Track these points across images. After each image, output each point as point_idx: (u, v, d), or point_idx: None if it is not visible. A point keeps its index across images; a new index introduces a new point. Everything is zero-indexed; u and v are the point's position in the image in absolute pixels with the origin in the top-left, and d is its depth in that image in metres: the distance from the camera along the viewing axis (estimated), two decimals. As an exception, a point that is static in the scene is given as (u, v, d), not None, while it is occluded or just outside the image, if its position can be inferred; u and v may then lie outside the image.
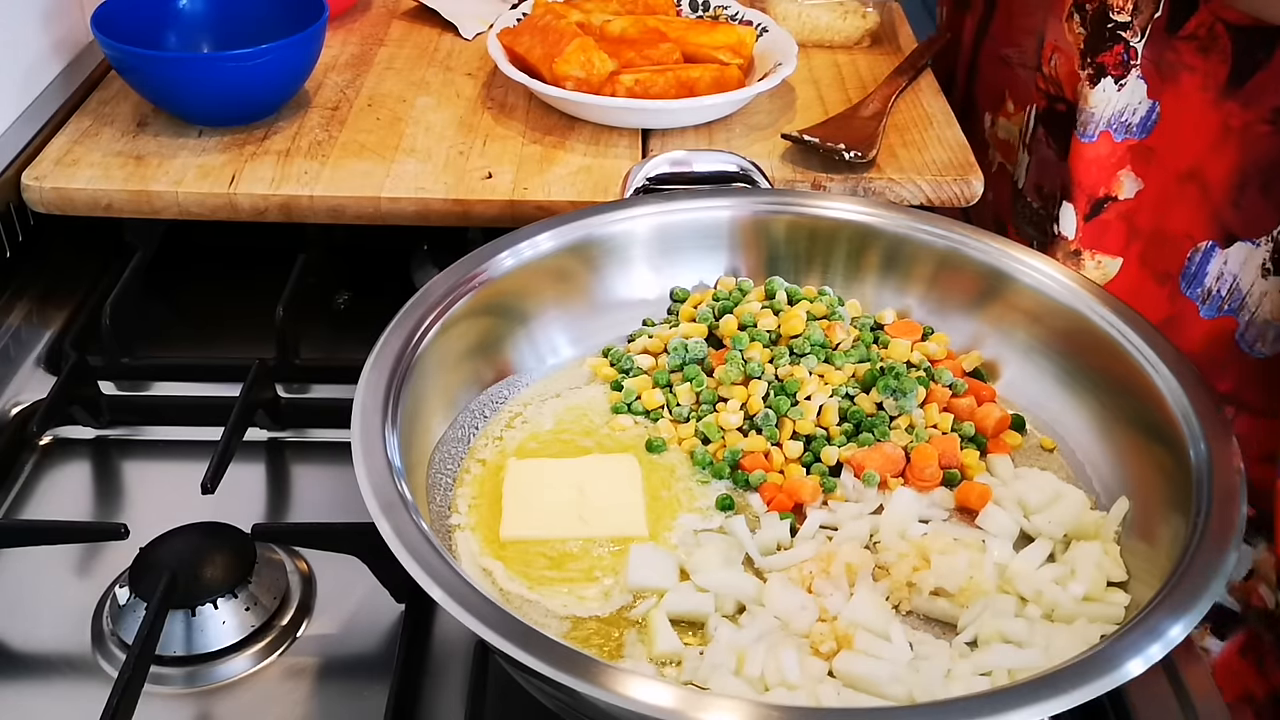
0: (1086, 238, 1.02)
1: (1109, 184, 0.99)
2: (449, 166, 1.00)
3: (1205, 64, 0.91)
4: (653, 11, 1.18)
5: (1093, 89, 0.95)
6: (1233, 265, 0.96)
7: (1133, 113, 0.96)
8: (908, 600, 0.67)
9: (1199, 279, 0.98)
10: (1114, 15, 0.92)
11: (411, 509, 0.60)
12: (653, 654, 0.63)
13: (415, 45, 1.22)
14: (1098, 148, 0.98)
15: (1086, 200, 1.00)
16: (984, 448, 0.77)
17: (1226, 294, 0.97)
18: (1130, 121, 0.96)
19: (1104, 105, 0.96)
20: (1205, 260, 0.97)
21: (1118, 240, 1.02)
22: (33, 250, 0.99)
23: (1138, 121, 0.96)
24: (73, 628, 0.71)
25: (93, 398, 0.86)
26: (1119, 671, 0.54)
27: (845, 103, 1.11)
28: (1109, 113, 0.96)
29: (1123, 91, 0.95)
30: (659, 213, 0.85)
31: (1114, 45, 0.93)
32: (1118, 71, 0.94)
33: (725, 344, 0.82)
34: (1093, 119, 0.97)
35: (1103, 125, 0.97)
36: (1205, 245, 0.97)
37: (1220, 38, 0.90)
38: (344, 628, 0.73)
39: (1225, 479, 0.65)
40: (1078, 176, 1.00)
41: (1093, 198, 1.00)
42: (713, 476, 0.75)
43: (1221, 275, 0.97)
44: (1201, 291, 0.98)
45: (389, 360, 0.70)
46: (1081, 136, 0.98)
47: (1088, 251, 1.02)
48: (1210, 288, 0.98)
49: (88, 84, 1.10)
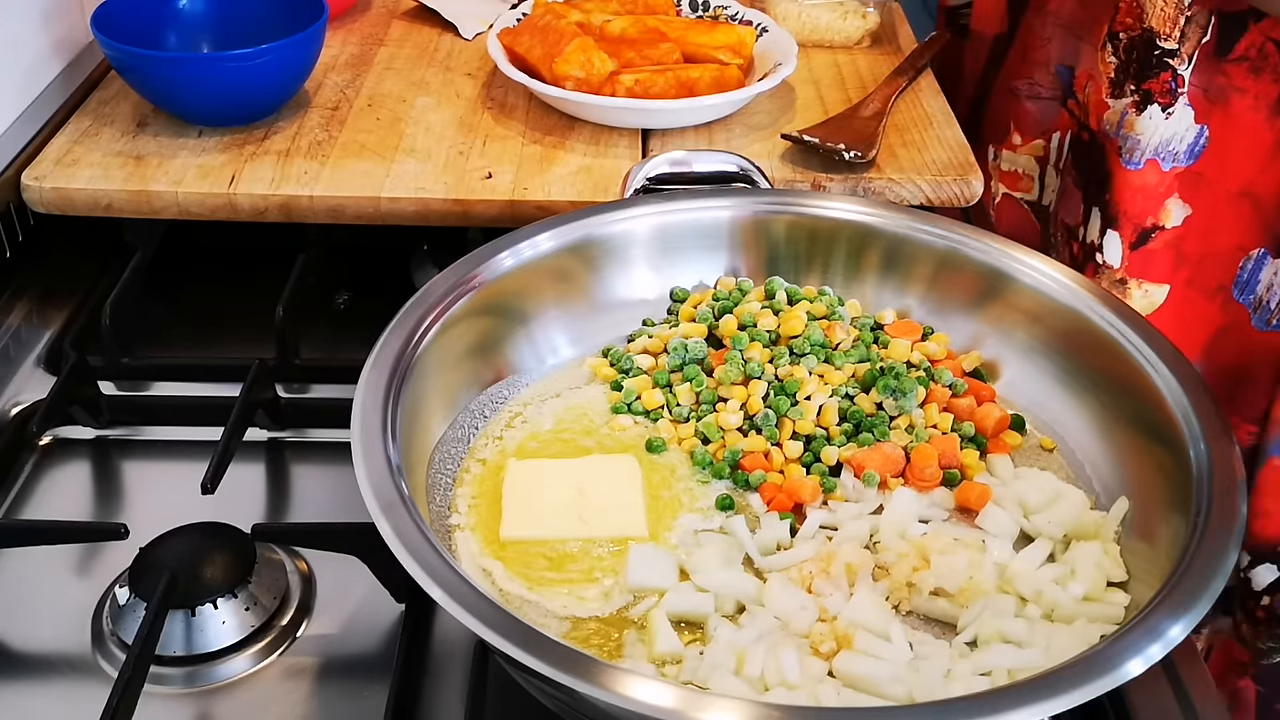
0: (1133, 266, 1.00)
1: (1156, 213, 0.98)
2: (449, 166, 1.00)
3: (1256, 84, 0.90)
4: (653, 11, 1.18)
5: (1139, 116, 0.94)
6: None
7: (1180, 140, 0.94)
8: (908, 600, 0.67)
9: (1251, 286, 0.97)
10: (1161, 42, 0.91)
11: (411, 509, 0.60)
12: (653, 654, 0.63)
13: (415, 45, 1.22)
14: (1144, 175, 0.96)
15: (1133, 229, 0.98)
16: (984, 448, 0.77)
17: (1276, 306, 0.96)
18: (1177, 150, 0.94)
19: (1150, 133, 0.94)
20: (1257, 269, 0.96)
21: (1164, 268, 1.00)
22: (33, 250, 0.99)
23: (1184, 149, 0.94)
24: (73, 628, 0.71)
25: (93, 398, 0.86)
26: (1119, 671, 0.54)
27: (845, 103, 1.11)
28: (1155, 141, 0.94)
29: (1170, 120, 0.93)
30: (659, 213, 0.85)
31: (1161, 73, 0.92)
32: (1165, 100, 0.92)
33: (725, 344, 0.82)
34: (1139, 146, 0.95)
35: (1149, 153, 0.95)
36: (1257, 253, 0.96)
37: (1271, 56, 0.89)
38: (344, 628, 0.73)
39: (1225, 479, 0.65)
40: (1124, 205, 0.98)
41: (1139, 227, 0.98)
42: (713, 476, 0.75)
43: (1273, 286, 0.95)
44: (1254, 299, 0.97)
45: (389, 360, 0.70)
46: (1127, 164, 0.96)
47: (1134, 280, 1.00)
48: (1262, 297, 0.96)
49: (88, 84, 1.10)
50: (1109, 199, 0.99)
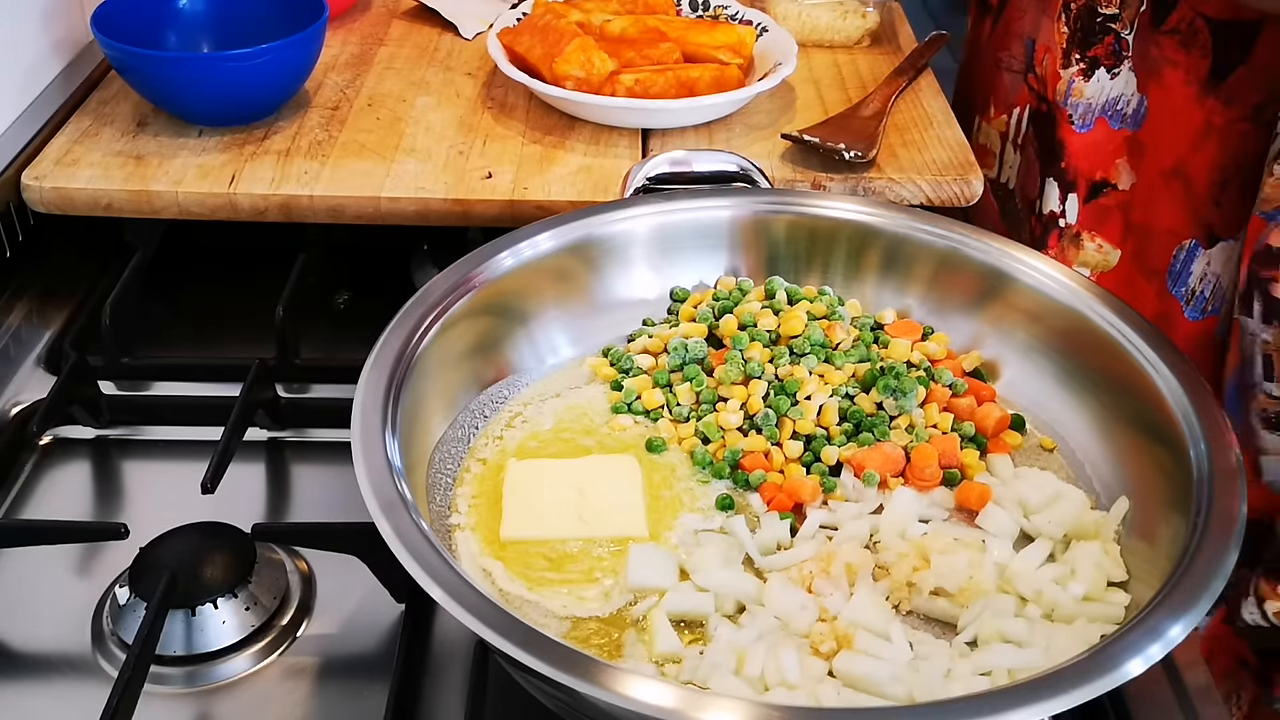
0: (1085, 219, 1.03)
1: (1107, 169, 1.00)
2: (449, 166, 1.00)
3: (1187, 59, 0.92)
4: (653, 11, 1.18)
5: (1086, 81, 0.97)
6: (1215, 265, 0.96)
7: (1126, 103, 0.97)
8: (908, 600, 0.67)
9: (1183, 278, 0.99)
10: (1101, 9, 0.94)
11: (411, 509, 0.60)
12: (653, 654, 0.63)
13: (415, 45, 1.22)
14: (1094, 134, 0.99)
15: (1086, 184, 1.01)
16: (984, 448, 0.77)
17: (1210, 295, 0.98)
18: (1125, 111, 0.97)
19: (1098, 94, 0.97)
20: (1189, 259, 0.98)
21: (1115, 231, 1.02)
22: (33, 250, 0.99)
23: (1130, 113, 0.97)
24: (73, 628, 0.71)
25: (93, 398, 0.86)
26: (1119, 671, 0.54)
27: (845, 103, 1.11)
28: (1103, 100, 0.97)
29: (1116, 80, 0.96)
30: (659, 213, 0.85)
31: (1104, 37, 0.95)
32: (1110, 61, 0.96)
33: (725, 344, 0.82)
34: (1089, 109, 0.98)
35: (1097, 113, 0.98)
36: (1189, 244, 0.98)
37: (1200, 32, 0.91)
38: (344, 628, 0.73)
39: (1225, 479, 0.64)
40: (1077, 164, 1.01)
41: (1090, 180, 1.01)
42: (713, 476, 0.75)
43: (1205, 275, 0.97)
44: (1185, 291, 0.99)
45: (389, 360, 0.70)
46: (1078, 128, 0.99)
47: (1088, 233, 1.02)
48: (1194, 288, 0.98)
49: (88, 84, 1.10)
50: (1064, 166, 1.02)
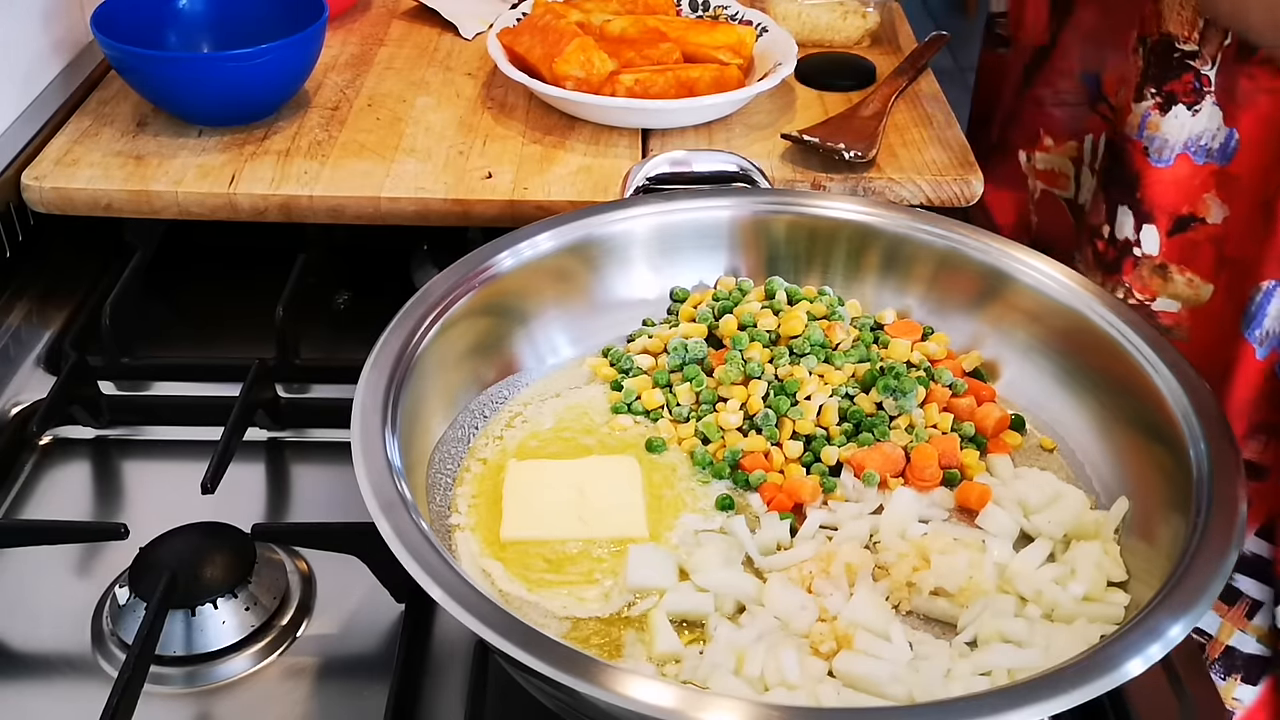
0: (1171, 252, 0.98)
1: (1194, 204, 0.96)
2: (449, 166, 1.00)
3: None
4: (653, 11, 1.18)
5: (1163, 116, 0.93)
6: None
7: (1211, 138, 0.93)
8: (908, 600, 0.67)
9: (1258, 320, 0.93)
10: (1180, 45, 0.91)
11: (411, 509, 0.60)
12: (653, 654, 0.63)
13: (415, 45, 1.22)
14: (1176, 170, 0.95)
15: (1169, 218, 0.97)
16: (984, 448, 0.77)
17: None
18: (1210, 146, 0.93)
19: (1178, 131, 0.93)
20: (1266, 300, 0.93)
21: (1207, 263, 0.97)
22: (33, 250, 0.99)
23: (1218, 148, 0.93)
24: (73, 628, 0.71)
25: (93, 398, 0.86)
26: (1119, 671, 0.54)
27: (845, 103, 1.11)
28: (1184, 136, 0.94)
29: (1197, 117, 0.92)
30: (659, 213, 0.85)
31: (1182, 74, 0.92)
32: (1190, 99, 0.92)
33: (725, 344, 0.82)
34: (1166, 144, 0.94)
35: (1179, 149, 0.94)
36: (1268, 285, 0.92)
37: None
38: (344, 628, 0.73)
39: (1225, 479, 0.64)
40: (1155, 199, 0.97)
41: (1175, 215, 0.97)
42: (713, 476, 0.75)
43: None
44: (1260, 334, 0.94)
45: (389, 360, 0.70)
46: (1156, 162, 0.95)
47: (1175, 266, 0.98)
48: (1269, 329, 0.93)
49: (88, 84, 1.10)
50: (1140, 196, 0.98)
